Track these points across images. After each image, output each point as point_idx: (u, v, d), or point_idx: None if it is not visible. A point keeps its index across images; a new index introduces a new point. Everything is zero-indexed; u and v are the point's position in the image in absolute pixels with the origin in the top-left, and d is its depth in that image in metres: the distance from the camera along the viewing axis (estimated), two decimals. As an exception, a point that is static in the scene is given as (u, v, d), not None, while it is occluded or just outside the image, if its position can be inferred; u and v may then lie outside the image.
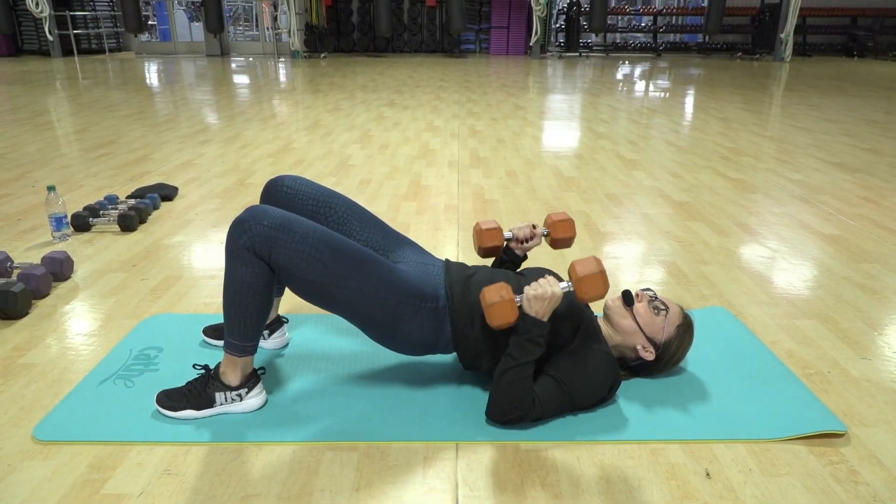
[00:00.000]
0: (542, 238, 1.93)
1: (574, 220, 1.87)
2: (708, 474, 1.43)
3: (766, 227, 3.07)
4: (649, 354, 1.68)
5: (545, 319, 1.55)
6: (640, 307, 1.69)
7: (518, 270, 1.88)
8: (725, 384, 1.75)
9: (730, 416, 1.61)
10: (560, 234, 1.89)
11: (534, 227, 1.91)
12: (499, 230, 1.89)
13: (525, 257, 1.95)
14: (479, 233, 1.88)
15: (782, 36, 12.89)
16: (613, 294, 1.78)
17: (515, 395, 1.53)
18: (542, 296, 1.53)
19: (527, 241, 1.91)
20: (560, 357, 1.62)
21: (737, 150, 4.81)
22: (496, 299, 1.52)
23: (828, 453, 1.49)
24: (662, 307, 1.69)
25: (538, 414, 1.56)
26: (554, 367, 1.60)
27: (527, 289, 1.55)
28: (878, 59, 14.09)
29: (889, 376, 1.82)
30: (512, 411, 1.54)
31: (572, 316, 1.67)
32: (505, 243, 1.92)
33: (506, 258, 1.94)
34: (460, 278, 1.68)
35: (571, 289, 1.57)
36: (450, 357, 1.88)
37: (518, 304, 1.55)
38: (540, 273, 1.76)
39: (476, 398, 1.69)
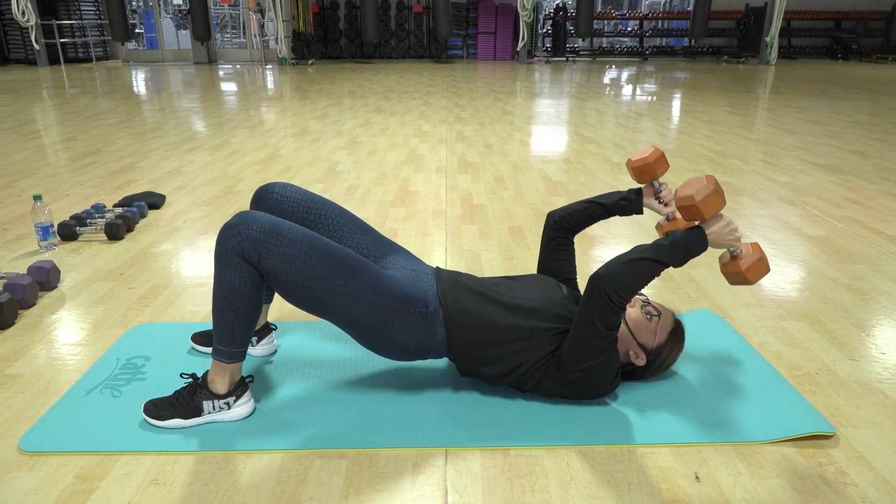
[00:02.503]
0: (665, 217, 1.85)
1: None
2: (697, 477, 1.43)
3: (752, 230, 3.09)
4: (640, 360, 1.68)
5: (709, 246, 1.55)
6: (632, 312, 1.69)
7: (512, 276, 1.88)
8: (714, 387, 1.76)
9: (718, 419, 1.62)
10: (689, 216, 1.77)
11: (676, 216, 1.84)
12: (666, 166, 1.80)
13: (641, 212, 1.88)
14: (657, 153, 1.79)
15: (767, 39, 13.01)
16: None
17: (638, 284, 1.51)
18: (732, 226, 1.55)
19: (660, 203, 1.84)
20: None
21: (723, 152, 4.84)
22: (720, 191, 1.52)
23: (816, 455, 1.50)
24: (655, 313, 1.69)
25: (610, 325, 1.53)
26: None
27: (728, 216, 1.57)
28: (863, 61, 14.25)
29: (877, 377, 1.83)
30: (615, 291, 1.50)
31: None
32: (652, 183, 1.82)
33: (627, 196, 1.85)
34: (452, 286, 1.68)
35: (733, 254, 1.61)
36: (439, 363, 1.88)
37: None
38: (540, 280, 1.77)
39: (465, 404, 1.68)
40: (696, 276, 2.54)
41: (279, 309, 2.22)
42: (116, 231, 2.90)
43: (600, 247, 2.84)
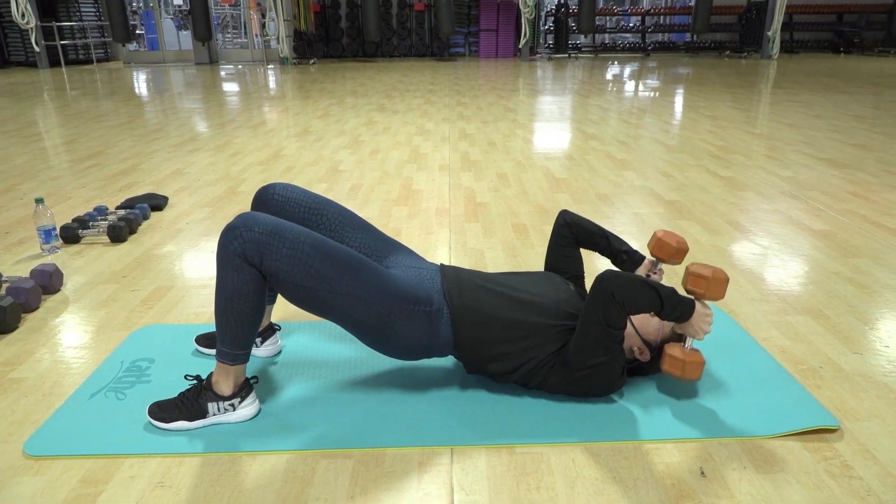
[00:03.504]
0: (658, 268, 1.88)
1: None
2: (703, 473, 1.43)
3: (756, 225, 3.08)
4: (645, 356, 1.68)
5: (691, 315, 1.57)
6: (636, 310, 1.69)
7: (518, 272, 1.87)
8: (718, 382, 1.75)
9: (723, 414, 1.62)
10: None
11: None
12: (672, 257, 1.83)
13: (635, 267, 1.90)
14: (682, 241, 1.83)
15: (769, 33, 12.97)
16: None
17: (641, 300, 1.52)
18: (710, 321, 1.60)
19: (654, 274, 1.87)
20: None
21: (726, 147, 4.83)
22: (724, 279, 1.60)
23: (821, 449, 1.50)
24: None
25: (612, 332, 1.55)
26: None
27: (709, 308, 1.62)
28: (865, 55, 14.20)
29: (881, 370, 1.83)
30: (627, 299, 1.51)
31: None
32: (653, 260, 1.87)
33: (633, 259, 1.87)
34: (457, 283, 1.68)
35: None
36: (443, 362, 1.88)
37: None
38: (546, 276, 1.77)
39: (469, 403, 1.68)
40: (699, 271, 2.53)
41: (283, 309, 2.22)
42: (119, 233, 2.90)
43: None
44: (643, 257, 1.88)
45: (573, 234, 1.92)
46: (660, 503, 1.34)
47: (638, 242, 2.84)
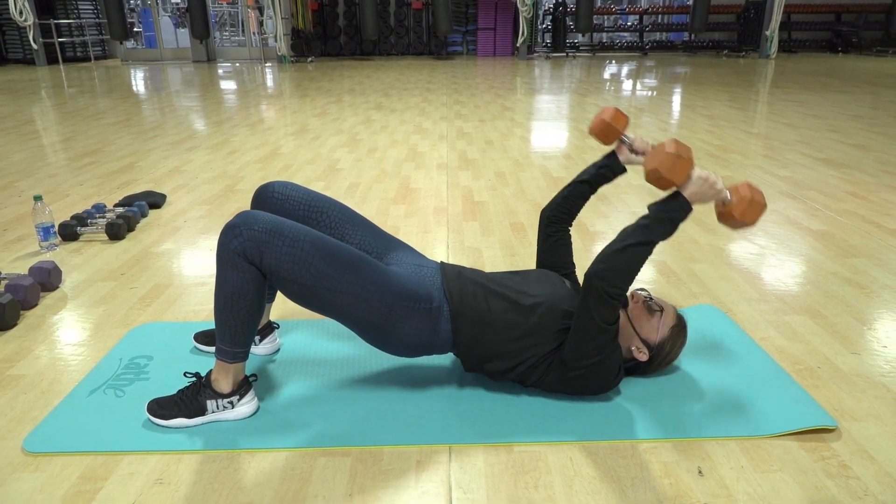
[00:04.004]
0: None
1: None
2: (700, 472, 1.43)
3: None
4: (643, 355, 1.68)
5: (693, 206, 1.53)
6: (634, 308, 1.70)
7: (517, 271, 1.88)
8: (716, 382, 1.76)
9: (721, 414, 1.62)
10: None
11: (653, 146, 1.84)
12: (625, 121, 1.80)
13: (623, 171, 1.89)
14: (607, 110, 1.81)
15: (767, 33, 12.98)
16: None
17: (629, 273, 1.51)
18: (712, 183, 1.51)
19: (637, 154, 1.84)
20: None
21: (724, 147, 4.84)
22: (685, 154, 1.48)
23: (819, 448, 1.50)
24: (657, 308, 1.69)
25: (607, 328, 1.54)
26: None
27: (699, 170, 1.54)
28: (863, 54, 14.22)
29: (878, 370, 1.83)
30: (613, 285, 1.50)
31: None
32: (622, 140, 1.84)
33: (605, 163, 1.88)
34: (457, 281, 1.68)
35: (726, 202, 1.55)
36: (442, 360, 1.88)
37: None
38: (544, 275, 1.77)
39: (468, 401, 1.69)
40: (698, 271, 2.54)
41: (282, 308, 2.22)
42: (117, 231, 2.90)
43: (602, 241, 2.84)
44: (612, 154, 1.88)
45: (563, 217, 1.92)
46: (657, 502, 1.35)
47: (636, 242, 2.84)
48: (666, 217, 1.53)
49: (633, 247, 1.52)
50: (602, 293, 1.51)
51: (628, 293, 1.73)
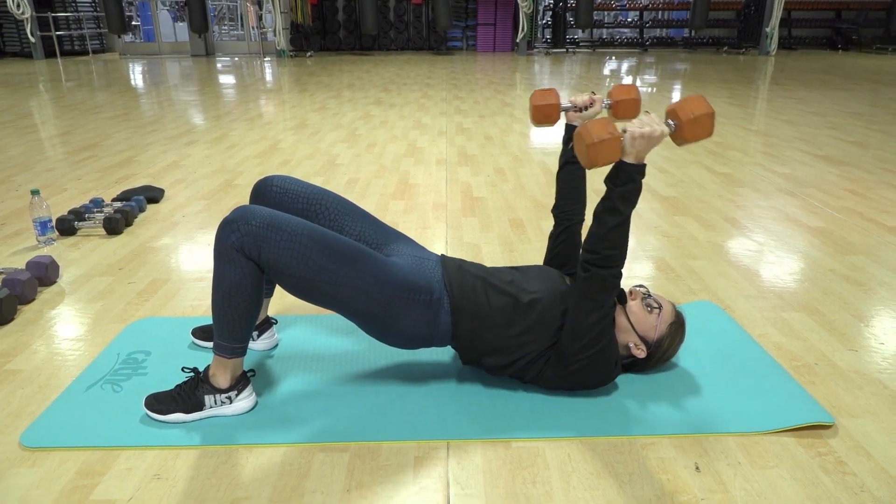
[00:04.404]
0: (604, 108, 1.83)
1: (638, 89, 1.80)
2: (698, 468, 1.43)
3: (753, 221, 3.09)
4: (641, 352, 1.68)
5: (644, 162, 1.50)
6: (632, 305, 1.70)
7: (517, 266, 1.88)
8: (714, 378, 1.76)
9: (719, 410, 1.62)
10: (623, 95, 1.78)
11: (593, 93, 1.84)
12: (555, 94, 1.80)
13: None
14: (535, 95, 1.81)
15: (767, 30, 12.97)
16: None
17: (623, 248, 1.53)
18: (649, 134, 1.45)
19: (586, 109, 1.84)
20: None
21: (724, 144, 4.83)
22: (605, 136, 1.40)
23: (816, 445, 1.51)
24: (655, 305, 1.69)
25: (606, 311, 1.56)
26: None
27: (630, 126, 1.46)
28: (863, 52, 14.21)
29: (875, 367, 1.83)
30: (611, 263, 1.52)
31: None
32: (563, 115, 1.84)
33: (568, 136, 1.87)
34: (458, 274, 1.68)
35: (673, 129, 1.50)
36: (441, 356, 1.88)
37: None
38: (544, 272, 1.77)
39: (466, 397, 1.69)
40: (696, 268, 2.54)
41: (280, 303, 2.22)
42: (115, 225, 2.89)
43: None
44: (567, 125, 1.88)
45: (571, 212, 1.90)
46: (655, 498, 1.35)
47: (634, 238, 2.85)
48: (625, 190, 1.50)
49: (614, 229, 1.51)
50: (603, 278, 1.52)
51: (627, 290, 1.74)
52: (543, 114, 1.82)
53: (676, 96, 7.41)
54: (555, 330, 1.63)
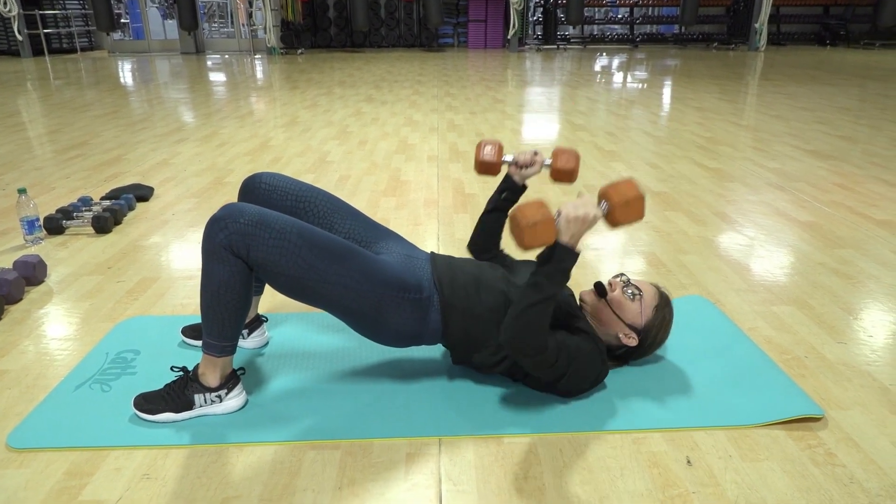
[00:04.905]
0: (544, 167, 1.86)
1: (580, 155, 1.83)
2: (689, 461, 1.44)
3: (743, 216, 3.10)
4: (632, 340, 1.68)
5: (577, 248, 1.48)
6: (614, 296, 1.70)
7: (508, 261, 1.87)
8: (705, 372, 1.77)
9: (709, 404, 1.63)
10: (562, 165, 1.82)
11: (536, 153, 1.86)
12: (499, 149, 1.85)
13: (524, 187, 1.89)
14: (479, 148, 1.85)
15: (757, 25, 13.01)
16: (587, 286, 1.79)
17: (536, 331, 1.47)
18: (583, 217, 1.44)
19: (526, 168, 1.86)
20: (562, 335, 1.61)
21: (714, 139, 4.85)
22: (539, 218, 1.40)
23: (806, 437, 1.51)
24: (637, 292, 1.69)
25: (552, 361, 1.52)
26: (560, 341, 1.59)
27: (565, 209, 1.45)
28: (851, 47, 14.28)
29: (864, 359, 1.84)
30: (530, 350, 1.49)
31: (570, 301, 1.67)
32: (503, 166, 1.87)
33: (504, 188, 1.89)
34: (448, 271, 1.67)
35: (606, 212, 1.50)
36: (431, 353, 1.87)
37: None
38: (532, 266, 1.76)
39: (458, 393, 1.68)
40: (687, 262, 2.54)
41: (270, 300, 2.21)
42: (104, 224, 2.87)
43: (592, 234, 2.84)
44: (507, 177, 1.89)
45: (488, 247, 1.94)
46: (646, 492, 1.35)
47: (625, 233, 2.85)
48: (554, 270, 1.48)
49: (533, 307, 1.47)
50: (526, 359, 1.52)
51: (607, 282, 1.74)
52: (485, 168, 1.87)
53: (667, 93, 7.44)
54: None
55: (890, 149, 4.47)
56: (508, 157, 1.87)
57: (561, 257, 1.47)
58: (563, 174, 1.84)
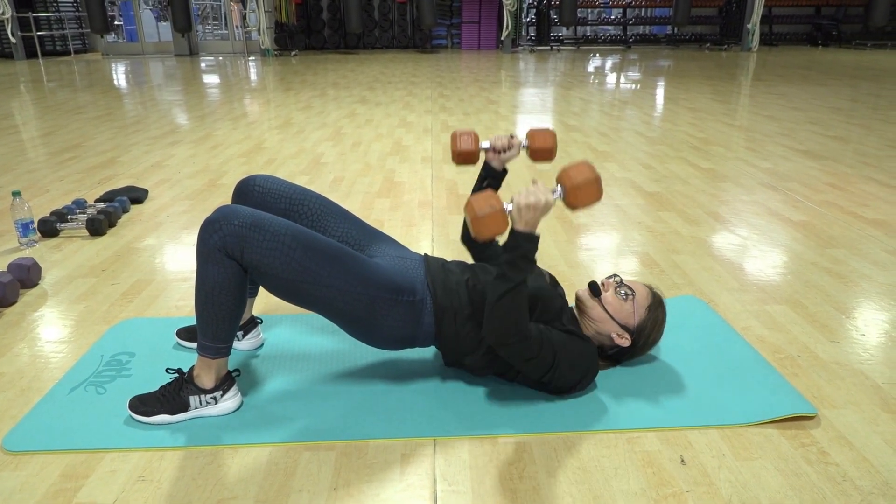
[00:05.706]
0: (522, 149, 1.87)
1: (555, 133, 1.85)
2: (683, 461, 1.45)
3: (735, 216, 3.12)
4: (625, 341, 1.69)
5: (536, 232, 1.50)
6: (607, 296, 1.71)
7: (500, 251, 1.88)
8: (698, 371, 1.78)
9: (703, 403, 1.64)
10: (539, 144, 1.84)
11: (512, 136, 1.87)
12: (474, 138, 1.85)
13: (504, 171, 1.91)
14: (454, 139, 1.85)
15: (749, 26, 13.07)
16: (580, 285, 1.80)
17: (514, 319, 1.49)
18: (534, 205, 1.46)
19: (504, 152, 1.87)
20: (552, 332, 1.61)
21: (707, 139, 4.87)
22: (486, 210, 1.44)
23: (799, 436, 1.52)
24: (630, 292, 1.70)
25: (536, 350, 1.53)
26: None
27: (516, 196, 1.48)
28: (843, 47, 14.36)
29: (857, 358, 1.86)
30: (512, 339, 1.50)
31: (553, 300, 1.68)
32: (482, 153, 1.88)
33: (485, 174, 1.91)
34: (441, 274, 1.68)
35: (562, 196, 1.51)
36: (425, 353, 1.88)
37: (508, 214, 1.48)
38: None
39: (452, 393, 1.69)
40: (680, 262, 2.56)
41: (265, 302, 2.21)
42: (98, 226, 2.87)
43: (586, 234, 2.85)
44: (486, 164, 1.91)
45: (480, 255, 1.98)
46: (640, 491, 1.36)
47: (618, 233, 2.86)
48: (516, 258, 1.49)
49: (504, 296, 1.48)
50: (510, 350, 1.53)
51: (600, 282, 1.75)
52: (463, 157, 1.87)
53: (660, 93, 7.46)
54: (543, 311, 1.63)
55: (881, 149, 4.50)
56: (485, 144, 1.88)
57: (518, 244, 1.49)
58: (542, 153, 1.85)
